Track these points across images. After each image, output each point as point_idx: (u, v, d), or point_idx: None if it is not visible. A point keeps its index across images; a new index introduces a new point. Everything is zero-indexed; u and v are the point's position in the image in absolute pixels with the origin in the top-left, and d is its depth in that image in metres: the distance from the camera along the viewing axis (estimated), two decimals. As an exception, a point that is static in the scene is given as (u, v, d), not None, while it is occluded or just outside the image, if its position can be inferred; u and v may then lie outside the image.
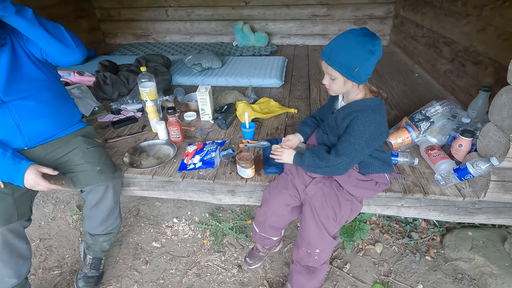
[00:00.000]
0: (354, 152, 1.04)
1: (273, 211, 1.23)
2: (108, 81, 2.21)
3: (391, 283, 1.45)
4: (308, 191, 1.17)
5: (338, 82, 1.03)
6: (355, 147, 1.03)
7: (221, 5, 3.66)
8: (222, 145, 1.62)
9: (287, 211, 1.23)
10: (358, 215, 1.68)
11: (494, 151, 1.20)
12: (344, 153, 1.05)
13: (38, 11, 1.16)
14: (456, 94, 2.10)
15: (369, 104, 1.06)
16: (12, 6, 1.04)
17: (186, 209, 1.92)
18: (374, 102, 1.07)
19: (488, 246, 1.50)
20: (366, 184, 1.14)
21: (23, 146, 1.27)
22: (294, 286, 1.30)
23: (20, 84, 1.19)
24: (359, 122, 1.03)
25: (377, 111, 1.05)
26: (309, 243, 1.14)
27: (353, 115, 1.04)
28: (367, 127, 1.02)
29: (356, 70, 0.97)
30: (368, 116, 1.03)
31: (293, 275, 1.27)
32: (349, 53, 0.96)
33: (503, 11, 1.66)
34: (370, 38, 0.94)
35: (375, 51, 0.95)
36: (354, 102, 1.09)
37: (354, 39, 0.95)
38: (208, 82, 2.54)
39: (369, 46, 0.94)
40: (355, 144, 1.03)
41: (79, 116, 1.47)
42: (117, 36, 4.08)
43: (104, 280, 1.48)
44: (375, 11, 3.47)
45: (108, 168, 1.32)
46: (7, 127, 1.21)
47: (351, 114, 1.05)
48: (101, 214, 1.30)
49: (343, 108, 1.11)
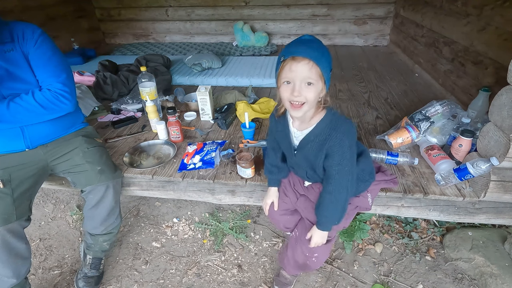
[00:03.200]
0: (349, 173, 0.93)
1: (277, 219, 1.28)
2: (108, 81, 2.21)
3: (391, 283, 1.45)
4: (298, 204, 1.18)
5: (316, 88, 0.83)
6: (347, 169, 0.93)
7: (221, 5, 3.66)
8: (222, 145, 1.62)
9: (289, 213, 1.26)
10: (358, 215, 1.68)
11: (494, 151, 1.20)
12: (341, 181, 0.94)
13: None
14: (456, 94, 2.10)
15: (333, 118, 0.91)
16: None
17: (186, 209, 1.92)
18: (328, 118, 0.91)
19: (488, 246, 1.50)
20: None
21: (24, 147, 1.27)
22: (289, 272, 1.35)
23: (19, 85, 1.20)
24: (339, 144, 0.89)
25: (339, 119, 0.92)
26: (308, 248, 1.14)
27: (327, 143, 0.89)
28: (346, 141, 0.89)
29: (331, 72, 0.85)
30: (340, 128, 0.89)
31: (287, 266, 1.31)
32: (320, 51, 0.81)
33: (503, 11, 1.66)
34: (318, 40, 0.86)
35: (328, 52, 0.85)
36: (316, 127, 0.92)
37: (310, 37, 0.84)
38: (208, 82, 2.54)
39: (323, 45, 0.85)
40: (346, 166, 0.92)
41: (81, 117, 1.48)
42: (117, 36, 4.08)
43: (104, 280, 1.48)
44: (375, 11, 3.47)
45: (108, 168, 1.32)
46: (10, 129, 1.22)
47: (324, 143, 0.90)
48: (101, 214, 1.30)
49: (308, 142, 0.94)
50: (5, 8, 2.62)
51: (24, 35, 1.20)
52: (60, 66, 1.26)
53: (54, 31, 3.01)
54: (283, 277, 1.38)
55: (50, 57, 1.24)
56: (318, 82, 0.83)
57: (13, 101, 1.17)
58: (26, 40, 1.20)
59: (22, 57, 1.20)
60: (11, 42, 1.18)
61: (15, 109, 1.16)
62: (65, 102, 1.25)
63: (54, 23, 3.14)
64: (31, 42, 1.20)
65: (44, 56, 1.22)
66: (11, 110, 1.16)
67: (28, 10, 2.79)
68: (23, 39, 1.19)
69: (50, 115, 1.25)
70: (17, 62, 1.19)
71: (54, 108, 1.23)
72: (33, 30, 1.22)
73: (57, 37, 3.07)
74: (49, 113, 1.24)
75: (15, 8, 2.70)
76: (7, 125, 1.19)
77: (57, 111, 1.25)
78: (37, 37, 1.21)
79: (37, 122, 1.24)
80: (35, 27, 1.24)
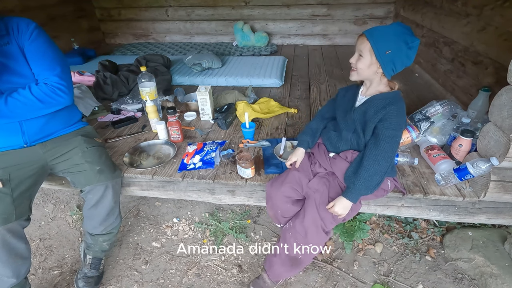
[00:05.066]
0: (396, 144, 1.06)
1: (277, 205, 1.26)
2: (108, 81, 2.21)
3: (391, 283, 1.45)
4: (311, 184, 1.19)
5: (365, 61, 1.04)
6: (396, 140, 1.05)
7: (221, 5, 3.66)
8: (222, 145, 1.62)
9: (290, 203, 1.24)
10: (358, 215, 1.68)
11: (494, 151, 1.20)
12: (388, 148, 1.04)
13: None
14: (456, 94, 2.10)
15: (397, 97, 1.07)
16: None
17: (186, 209, 1.92)
18: (399, 95, 1.08)
19: (488, 246, 1.50)
20: None
21: (22, 143, 1.27)
22: (271, 276, 1.33)
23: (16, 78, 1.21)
24: (396, 114, 1.03)
25: (403, 104, 1.08)
26: (303, 237, 1.15)
27: (388, 108, 1.03)
28: (403, 118, 1.06)
29: (387, 53, 0.99)
30: (402, 108, 1.05)
31: (274, 265, 1.29)
32: (387, 35, 1.00)
33: (503, 11, 1.65)
34: (411, 33, 1.00)
35: (411, 47, 0.99)
36: (381, 94, 1.09)
37: (398, 28, 1.01)
38: (208, 82, 2.54)
39: (407, 38, 0.98)
40: (397, 136, 1.06)
41: (78, 115, 1.48)
42: (117, 36, 4.08)
43: (104, 280, 1.48)
44: (375, 11, 3.47)
45: (107, 168, 1.32)
46: (8, 124, 1.22)
47: (385, 107, 1.04)
48: (101, 214, 1.30)
49: (371, 101, 1.10)
50: (5, 8, 2.63)
51: (19, 28, 1.20)
52: (56, 60, 1.26)
53: (54, 31, 3.01)
54: (262, 280, 1.35)
55: (45, 50, 1.24)
56: (367, 56, 1.02)
57: (10, 96, 1.17)
58: (21, 33, 1.20)
59: (18, 50, 1.20)
60: (7, 35, 1.19)
61: (13, 104, 1.17)
62: (62, 95, 1.25)
63: (54, 23, 3.14)
64: (26, 35, 1.20)
65: (39, 50, 1.23)
66: (9, 105, 1.16)
67: (28, 10, 2.80)
68: (18, 32, 1.20)
69: (47, 109, 1.25)
70: (13, 55, 1.19)
71: (51, 101, 1.24)
72: (27, 23, 1.22)
73: (57, 37, 3.06)
74: (47, 106, 1.24)
75: (15, 8, 2.70)
76: (5, 120, 1.20)
77: (54, 105, 1.26)
78: (32, 30, 1.21)
79: (35, 116, 1.24)
80: (30, 20, 1.24)
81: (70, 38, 3.22)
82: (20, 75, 1.22)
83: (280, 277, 1.35)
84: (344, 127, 1.17)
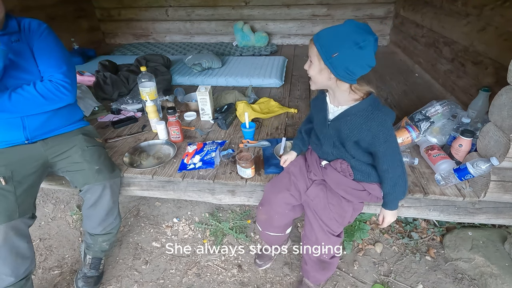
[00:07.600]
0: (396, 144, 1.02)
1: (276, 210, 1.24)
2: (108, 81, 2.21)
3: (391, 283, 1.45)
4: (309, 193, 1.18)
5: (314, 67, 0.96)
6: (394, 142, 1.01)
7: (221, 5, 3.66)
8: (222, 145, 1.62)
9: (289, 209, 1.24)
10: (358, 215, 1.67)
11: (494, 151, 1.20)
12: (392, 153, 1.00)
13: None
14: (456, 94, 2.10)
15: (372, 105, 0.98)
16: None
17: (186, 209, 1.92)
18: (371, 100, 0.98)
19: (488, 246, 1.50)
20: (357, 192, 1.11)
21: (23, 139, 1.28)
22: (312, 281, 1.36)
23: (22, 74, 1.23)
24: (381, 128, 0.96)
25: (380, 106, 0.99)
26: (316, 242, 1.17)
27: (370, 125, 0.96)
28: (388, 122, 0.97)
29: (335, 55, 0.88)
30: (381, 114, 0.96)
31: (309, 273, 1.31)
32: (334, 36, 0.90)
33: (503, 11, 1.66)
34: (362, 31, 0.87)
35: (363, 46, 0.86)
36: (353, 108, 0.99)
37: (347, 27, 0.89)
38: (208, 82, 2.54)
39: (357, 37, 0.86)
40: (392, 140, 1.00)
41: (80, 114, 1.49)
42: (117, 36, 4.08)
43: (104, 280, 1.48)
44: (375, 11, 3.47)
45: (106, 168, 1.32)
46: (11, 119, 1.23)
47: (363, 125, 0.97)
48: (100, 213, 1.30)
49: (344, 117, 1.01)
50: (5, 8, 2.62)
51: (31, 26, 1.26)
52: (62, 59, 1.30)
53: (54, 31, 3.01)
54: (306, 286, 1.38)
55: (53, 49, 1.28)
56: (316, 61, 0.94)
57: (14, 92, 1.19)
58: (32, 32, 1.25)
59: (27, 48, 1.24)
60: (18, 32, 1.24)
61: (16, 99, 1.18)
62: (66, 93, 1.27)
63: (54, 23, 3.10)
64: (37, 34, 1.26)
65: (47, 48, 1.27)
66: (13, 100, 1.18)
67: (28, 10, 2.79)
68: (29, 31, 1.25)
69: (50, 106, 1.27)
70: (22, 52, 1.23)
71: (54, 98, 1.25)
72: (39, 23, 1.29)
73: (57, 37, 3.07)
74: (50, 103, 1.25)
75: (15, 8, 2.70)
76: (8, 115, 1.21)
77: (57, 102, 1.27)
78: (43, 30, 1.28)
79: (37, 112, 1.26)
80: (42, 22, 1.31)
81: (70, 38, 3.21)
82: (27, 71, 1.24)
83: (320, 281, 1.38)
84: (323, 141, 1.12)
